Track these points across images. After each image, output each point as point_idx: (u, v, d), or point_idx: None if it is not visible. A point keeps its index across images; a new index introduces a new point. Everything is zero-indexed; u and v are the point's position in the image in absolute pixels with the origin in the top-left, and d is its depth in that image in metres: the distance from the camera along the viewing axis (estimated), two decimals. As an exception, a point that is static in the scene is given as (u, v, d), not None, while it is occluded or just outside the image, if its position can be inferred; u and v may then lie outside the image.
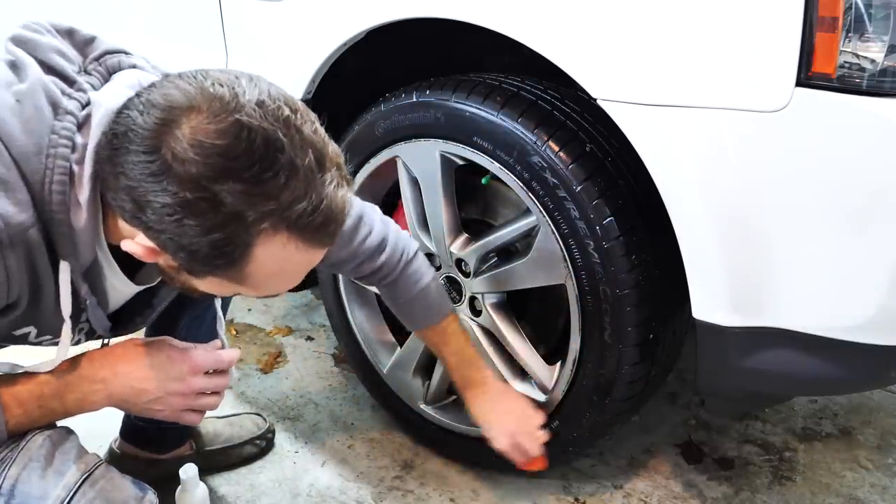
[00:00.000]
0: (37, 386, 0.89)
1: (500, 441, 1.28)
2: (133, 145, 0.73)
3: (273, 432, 1.58)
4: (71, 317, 0.88)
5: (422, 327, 1.30)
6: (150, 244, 0.77)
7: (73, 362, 0.92)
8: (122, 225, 0.80)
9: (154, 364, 0.93)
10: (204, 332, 1.33)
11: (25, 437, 0.87)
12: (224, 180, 0.71)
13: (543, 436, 1.27)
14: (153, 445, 1.44)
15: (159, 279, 0.97)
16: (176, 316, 1.26)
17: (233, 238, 0.74)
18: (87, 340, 1.00)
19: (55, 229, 0.80)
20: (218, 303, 1.16)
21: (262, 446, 1.55)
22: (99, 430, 1.61)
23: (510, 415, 1.28)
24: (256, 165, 0.71)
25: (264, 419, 1.58)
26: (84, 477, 0.85)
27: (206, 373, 0.97)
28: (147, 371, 0.92)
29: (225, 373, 0.99)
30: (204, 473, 1.45)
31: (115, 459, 1.44)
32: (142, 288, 0.98)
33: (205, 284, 0.83)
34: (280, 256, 0.77)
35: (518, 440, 1.26)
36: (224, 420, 1.56)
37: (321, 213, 0.75)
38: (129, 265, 0.91)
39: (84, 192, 0.79)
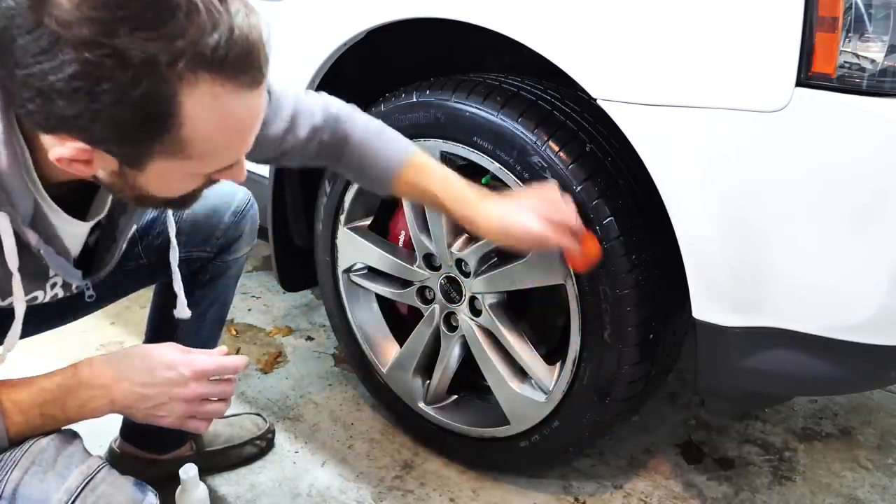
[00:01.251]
0: (38, 392, 0.88)
1: (536, 225, 1.08)
2: (16, 31, 0.67)
3: (273, 432, 1.58)
4: (32, 274, 0.85)
5: (397, 170, 1.14)
6: (79, 145, 0.72)
7: (75, 368, 0.90)
8: (48, 145, 0.76)
9: (157, 369, 0.91)
10: (204, 335, 1.34)
11: (29, 440, 0.86)
12: (120, 32, 0.65)
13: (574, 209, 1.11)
14: (153, 446, 1.44)
15: (109, 205, 0.95)
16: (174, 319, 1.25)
17: (153, 93, 0.68)
18: (64, 294, 0.98)
19: None
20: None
21: (262, 446, 1.55)
22: (101, 429, 1.61)
23: (533, 200, 1.11)
24: (150, 9, 0.66)
25: (264, 419, 1.58)
26: (86, 482, 0.84)
27: (212, 379, 0.95)
28: (150, 376, 0.90)
29: (231, 380, 0.97)
30: (204, 474, 1.45)
31: (115, 459, 1.45)
32: (94, 222, 0.95)
33: (154, 179, 0.78)
34: (212, 105, 0.71)
35: (554, 218, 1.09)
36: (224, 421, 1.56)
37: (237, 42, 0.70)
38: (74, 207, 0.88)
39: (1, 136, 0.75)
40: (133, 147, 0.73)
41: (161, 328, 1.34)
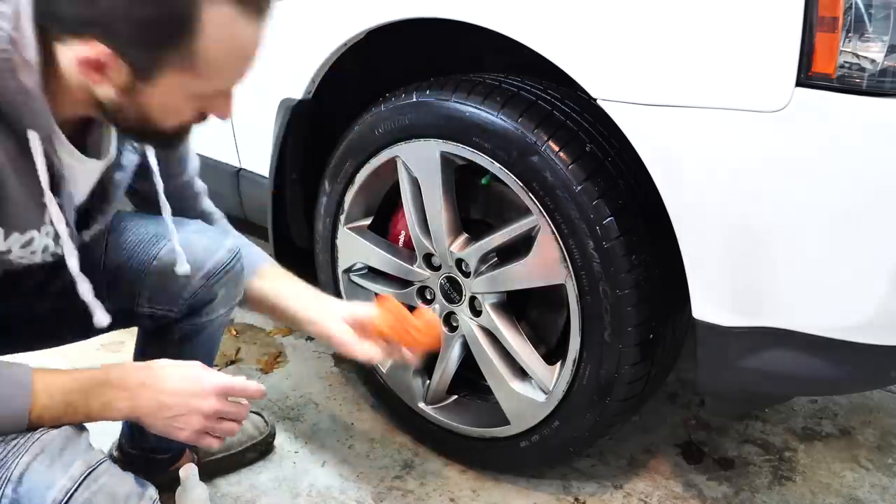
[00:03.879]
0: (69, 381, 0.89)
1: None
2: None
3: (274, 435, 1.57)
4: (33, 212, 0.87)
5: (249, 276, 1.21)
6: (100, 47, 0.77)
7: (107, 369, 0.92)
8: (68, 53, 0.80)
9: (182, 382, 0.93)
10: (201, 340, 1.31)
11: (40, 429, 0.87)
12: None
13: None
14: (140, 471, 1.36)
15: (109, 154, 0.99)
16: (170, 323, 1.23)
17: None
18: (52, 254, 0.96)
19: (9, 98, 0.79)
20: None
21: (261, 450, 1.53)
22: (102, 427, 1.61)
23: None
24: None
25: (265, 421, 1.56)
26: (89, 471, 0.85)
27: (230, 399, 0.96)
28: (174, 386, 0.92)
29: (246, 404, 0.99)
30: (204, 479, 1.45)
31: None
32: (107, 163, 0.99)
33: (158, 98, 0.83)
34: (229, 24, 0.78)
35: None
36: None
37: None
38: (76, 142, 0.92)
39: (29, 50, 0.79)
40: (150, 52, 0.78)
41: (154, 332, 1.29)
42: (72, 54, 0.79)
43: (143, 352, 1.29)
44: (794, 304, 1.03)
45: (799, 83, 0.91)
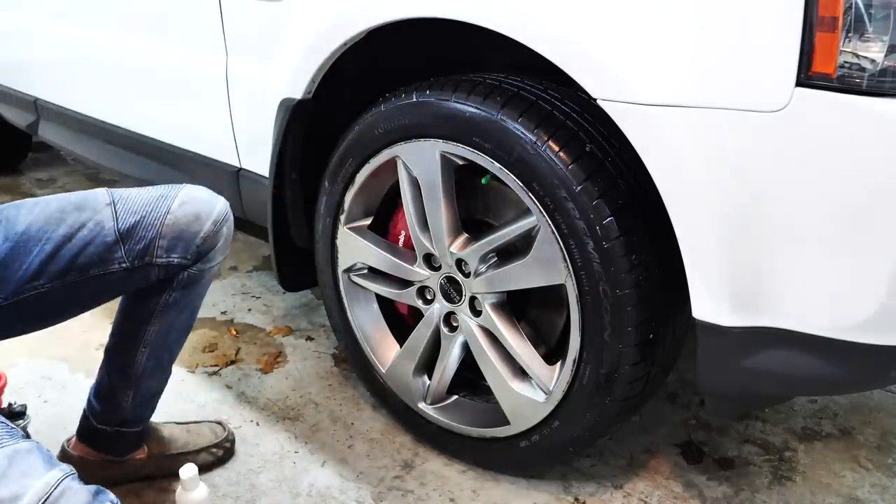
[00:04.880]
0: None
1: None
2: None
3: (232, 441, 1.56)
4: None
5: None
6: None
7: None
8: None
9: None
10: (170, 342, 1.36)
11: None
12: None
13: None
14: (109, 448, 1.43)
15: None
16: (142, 327, 1.32)
17: None
18: None
19: None
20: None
21: (218, 455, 1.52)
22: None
23: None
24: None
25: (224, 427, 1.56)
26: (42, 501, 0.83)
27: None
28: None
29: None
30: (156, 478, 1.47)
31: (67, 460, 1.42)
32: None
33: None
34: None
35: None
36: (182, 426, 1.54)
37: None
38: None
39: None
40: None
41: (126, 336, 1.34)
42: None
43: (136, 301, 1.32)
44: (794, 304, 1.03)
45: (799, 83, 0.91)
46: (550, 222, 1.18)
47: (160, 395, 1.43)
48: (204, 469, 1.49)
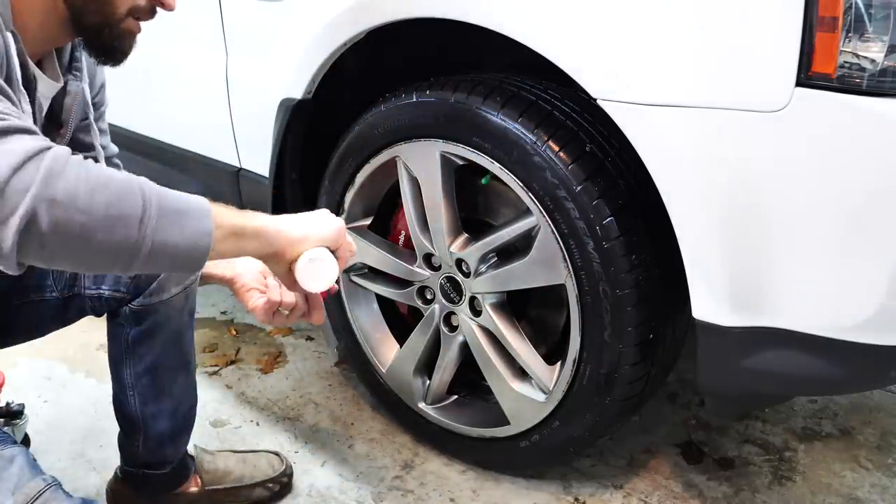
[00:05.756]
0: (238, 217, 0.86)
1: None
2: None
3: (290, 475, 1.46)
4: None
5: None
6: None
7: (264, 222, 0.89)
8: None
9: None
10: (165, 335, 1.27)
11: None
12: None
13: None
14: (141, 489, 1.35)
15: (64, 79, 1.03)
16: (121, 369, 1.26)
17: None
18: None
19: None
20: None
21: (275, 490, 1.43)
22: (102, 428, 1.61)
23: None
24: None
25: (281, 460, 1.46)
26: None
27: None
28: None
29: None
30: None
31: (116, 488, 1.38)
32: (62, 85, 1.03)
33: None
34: None
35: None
36: (238, 455, 1.46)
37: None
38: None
39: None
40: None
41: (115, 381, 1.28)
42: None
43: (110, 343, 1.26)
44: (795, 304, 1.03)
45: (799, 83, 0.91)
46: (550, 222, 1.18)
47: (182, 435, 1.34)
48: (255, 501, 1.42)
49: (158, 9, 1.00)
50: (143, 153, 1.98)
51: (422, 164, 1.32)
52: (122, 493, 1.38)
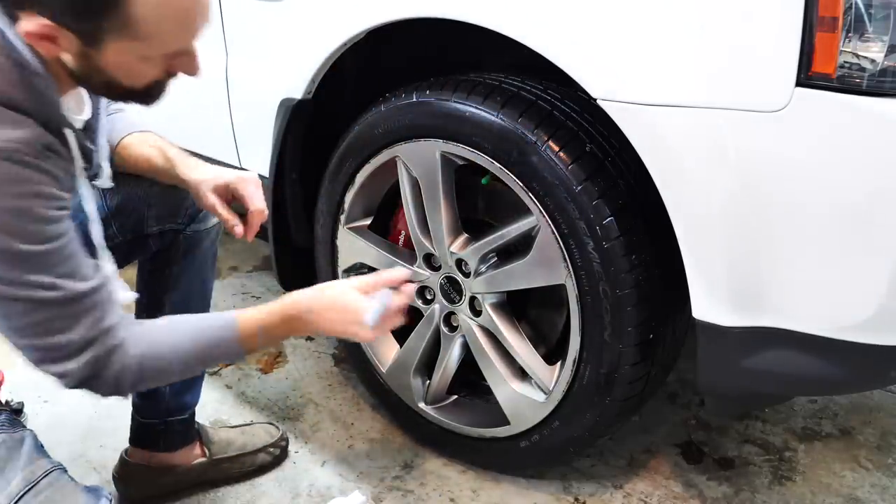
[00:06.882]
0: (265, 317, 1.05)
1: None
2: None
3: (286, 441, 1.56)
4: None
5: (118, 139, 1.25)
6: (42, 20, 0.80)
7: (293, 305, 1.08)
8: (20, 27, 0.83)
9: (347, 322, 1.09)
10: (193, 307, 1.35)
11: None
12: None
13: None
14: (162, 443, 1.42)
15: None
16: (162, 297, 1.34)
17: None
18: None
19: (42, 100, 0.85)
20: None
21: (275, 454, 1.52)
22: (102, 428, 1.61)
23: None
24: None
25: (277, 428, 1.56)
26: (28, 487, 0.84)
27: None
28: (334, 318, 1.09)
29: (408, 291, 1.18)
30: (217, 483, 1.46)
31: (126, 471, 1.43)
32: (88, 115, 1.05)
33: (112, 61, 0.85)
34: None
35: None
36: (237, 429, 1.55)
37: None
38: None
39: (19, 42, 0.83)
40: (87, 23, 0.81)
41: (150, 309, 1.34)
42: (20, 26, 0.81)
43: (150, 272, 1.35)
44: (795, 304, 1.03)
45: (799, 83, 0.91)
46: (550, 222, 1.18)
47: (198, 381, 1.44)
48: (261, 470, 1.51)
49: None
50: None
51: (422, 164, 1.32)
52: (132, 471, 1.43)
